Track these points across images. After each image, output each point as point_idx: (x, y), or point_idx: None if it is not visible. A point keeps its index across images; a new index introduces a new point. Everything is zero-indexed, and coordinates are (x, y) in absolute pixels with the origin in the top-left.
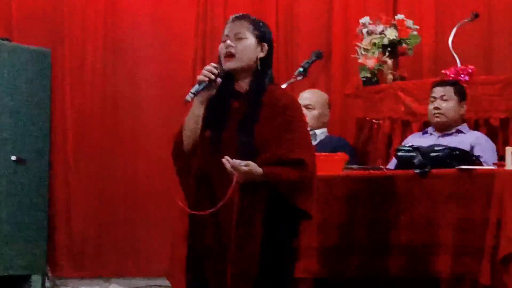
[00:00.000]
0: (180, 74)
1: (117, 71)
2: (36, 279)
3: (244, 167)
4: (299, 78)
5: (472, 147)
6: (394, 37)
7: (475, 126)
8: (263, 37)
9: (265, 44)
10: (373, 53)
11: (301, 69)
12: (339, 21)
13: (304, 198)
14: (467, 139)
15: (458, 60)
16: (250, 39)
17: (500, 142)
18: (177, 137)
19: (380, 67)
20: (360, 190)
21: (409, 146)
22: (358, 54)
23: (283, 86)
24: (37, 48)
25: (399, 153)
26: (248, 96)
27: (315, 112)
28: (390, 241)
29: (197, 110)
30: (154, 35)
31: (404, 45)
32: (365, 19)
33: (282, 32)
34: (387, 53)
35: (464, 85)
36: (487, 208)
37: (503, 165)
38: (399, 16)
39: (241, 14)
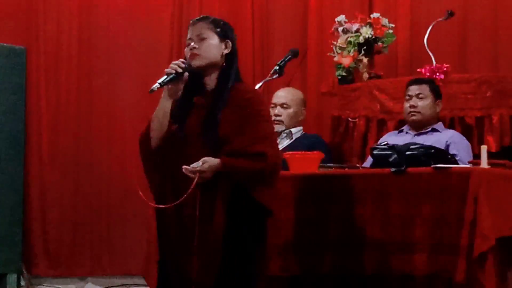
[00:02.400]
0: (155, 71)
1: (92, 68)
2: (11, 277)
3: (202, 166)
4: (274, 76)
5: (447, 146)
6: (370, 36)
7: (450, 125)
8: (225, 34)
9: (228, 41)
10: (349, 51)
11: (276, 67)
12: (314, 19)
13: (263, 191)
14: (443, 137)
15: (433, 59)
16: (213, 38)
17: (475, 141)
18: (143, 132)
19: (355, 66)
20: (335, 188)
21: (384, 145)
22: (333, 53)
23: (259, 84)
24: (12, 46)
25: (375, 152)
26: (214, 92)
27: (290, 111)
28: (365, 239)
29: (164, 104)
30: (129, 32)
31: (379, 43)
32: (341, 18)
33: (258, 31)
34: (362, 52)
35: (439, 83)
36: (462, 206)
37: (478, 163)
38: (375, 15)
39: (200, 16)
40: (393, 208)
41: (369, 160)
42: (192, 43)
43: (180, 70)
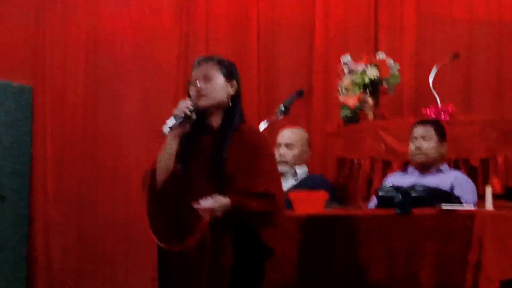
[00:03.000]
0: (162, 108)
1: (98, 107)
2: None
3: (215, 205)
4: (280, 116)
5: (452, 187)
6: (375, 77)
7: (455, 166)
8: (230, 74)
9: (234, 81)
10: (354, 92)
11: (282, 107)
12: (320, 59)
13: (268, 230)
14: (447, 179)
15: (438, 99)
16: (219, 78)
17: (480, 182)
18: (148, 173)
19: (360, 106)
20: (340, 229)
21: (389, 186)
22: (339, 93)
23: (264, 124)
24: (19, 85)
25: (380, 193)
26: (219, 132)
27: (295, 151)
28: (369, 280)
29: (170, 146)
30: (135, 71)
31: (384, 84)
32: (346, 58)
33: (263, 71)
34: (368, 92)
35: (444, 124)
36: (467, 248)
37: (483, 205)
38: (380, 55)
39: (205, 56)
40: (398, 249)
41: (373, 201)
42: (199, 84)
43: (189, 113)
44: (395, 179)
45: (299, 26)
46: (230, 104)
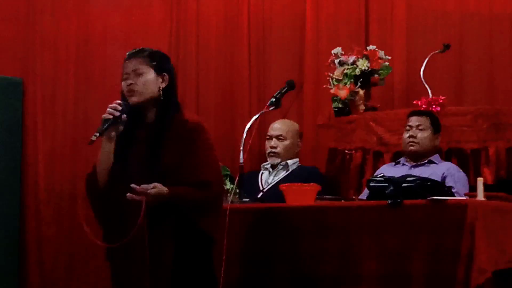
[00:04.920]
0: None
1: (89, 100)
2: None
3: (152, 190)
4: (271, 108)
5: (443, 178)
6: (366, 68)
7: (446, 157)
8: (161, 68)
9: (165, 74)
10: (345, 83)
11: (273, 99)
12: (311, 51)
13: (208, 219)
14: (439, 169)
15: (429, 91)
16: (149, 73)
17: (471, 173)
18: (90, 175)
19: (352, 98)
20: (331, 221)
21: (380, 177)
22: (330, 85)
23: (255, 117)
24: (9, 78)
25: (371, 184)
26: (154, 126)
27: (286, 143)
28: (361, 272)
29: (106, 147)
30: None
31: (376, 75)
32: (337, 50)
33: (254, 63)
34: (359, 84)
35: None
36: (458, 238)
37: (475, 196)
38: (371, 47)
39: (136, 49)
40: (389, 240)
41: (365, 192)
42: (129, 80)
43: (117, 114)
44: (387, 170)
45: (290, 19)
46: (162, 97)
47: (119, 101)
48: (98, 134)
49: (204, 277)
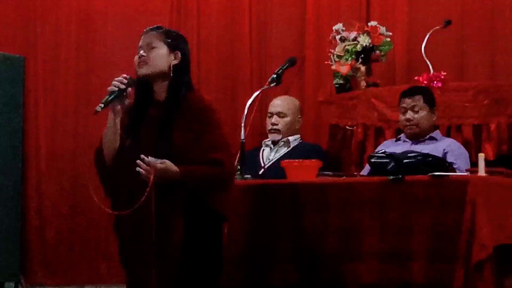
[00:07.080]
0: None
1: (90, 78)
2: (9, 286)
3: (160, 164)
4: (272, 85)
5: (445, 154)
6: (367, 44)
7: (448, 133)
8: (175, 45)
9: (178, 52)
10: (346, 59)
11: (274, 76)
12: (312, 27)
13: (219, 197)
14: (440, 145)
15: (431, 67)
16: (162, 48)
17: (473, 149)
18: (98, 148)
19: (353, 74)
20: (333, 196)
21: (382, 153)
22: (331, 61)
23: (256, 93)
24: (11, 55)
25: (373, 160)
26: (165, 104)
27: (287, 119)
28: (362, 248)
29: (112, 122)
30: (127, 40)
31: (377, 51)
32: (338, 26)
33: (255, 40)
34: (360, 60)
35: (437, 91)
36: (460, 214)
37: (476, 172)
38: (372, 23)
39: (154, 25)
40: (391, 216)
41: (366, 168)
42: (142, 51)
43: (123, 86)
44: (388, 146)
45: None
46: (172, 74)
47: (125, 75)
48: (103, 105)
49: (212, 256)
